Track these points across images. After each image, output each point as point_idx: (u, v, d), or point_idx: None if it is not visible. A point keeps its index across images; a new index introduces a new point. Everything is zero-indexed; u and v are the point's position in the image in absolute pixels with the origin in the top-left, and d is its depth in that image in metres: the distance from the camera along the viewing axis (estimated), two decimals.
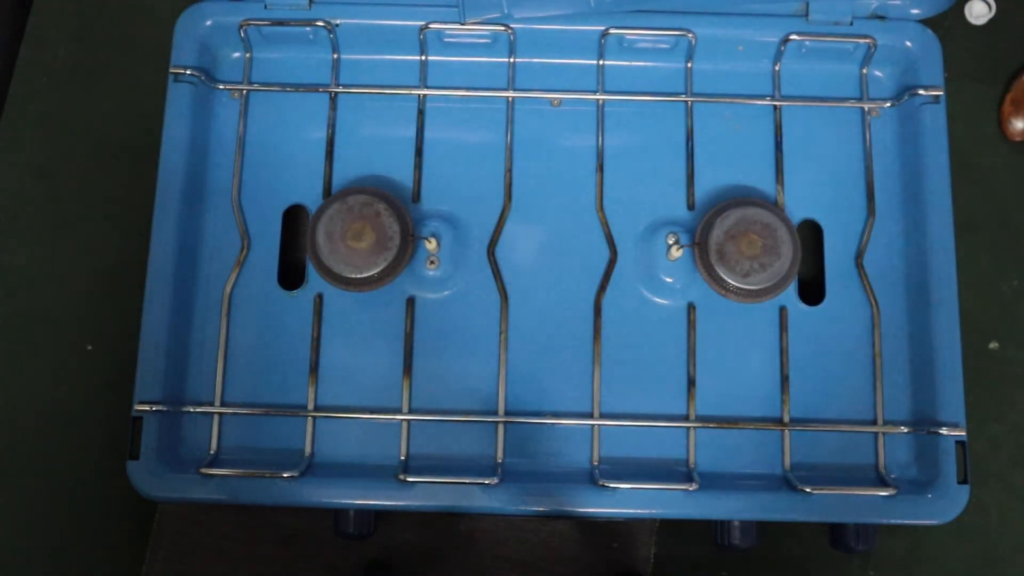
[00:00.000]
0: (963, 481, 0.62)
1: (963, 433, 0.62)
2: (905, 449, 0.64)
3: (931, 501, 0.62)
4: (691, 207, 0.67)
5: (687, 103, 0.69)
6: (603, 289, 0.66)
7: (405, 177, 0.68)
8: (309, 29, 0.68)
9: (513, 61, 0.69)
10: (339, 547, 0.66)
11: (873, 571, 0.66)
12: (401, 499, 0.61)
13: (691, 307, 0.66)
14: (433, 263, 0.65)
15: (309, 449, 0.64)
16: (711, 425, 0.64)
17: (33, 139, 0.71)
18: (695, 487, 0.61)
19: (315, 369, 0.65)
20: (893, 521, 0.62)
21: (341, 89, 0.69)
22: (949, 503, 0.62)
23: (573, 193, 0.68)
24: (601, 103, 0.69)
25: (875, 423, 0.64)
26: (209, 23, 0.68)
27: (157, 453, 0.62)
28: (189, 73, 0.66)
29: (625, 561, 0.66)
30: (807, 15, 0.68)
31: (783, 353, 0.65)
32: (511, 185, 0.67)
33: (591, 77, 0.69)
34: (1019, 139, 0.71)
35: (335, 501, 0.62)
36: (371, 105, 0.69)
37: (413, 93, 0.69)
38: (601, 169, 0.68)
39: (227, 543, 0.66)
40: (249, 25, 0.68)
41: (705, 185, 0.68)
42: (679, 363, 0.65)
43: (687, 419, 0.64)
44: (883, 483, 0.63)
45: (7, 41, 0.73)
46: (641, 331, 0.66)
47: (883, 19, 0.68)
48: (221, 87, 0.68)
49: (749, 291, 0.63)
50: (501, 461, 0.63)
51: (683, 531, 0.66)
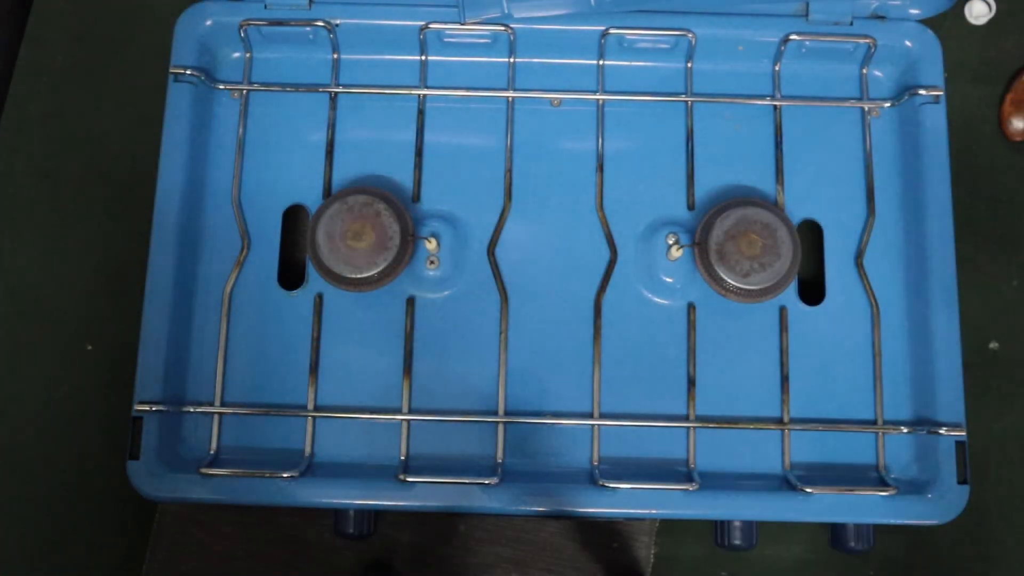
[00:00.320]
0: (963, 481, 0.62)
1: (963, 433, 0.62)
2: (905, 449, 0.64)
3: (931, 501, 0.62)
4: (691, 207, 0.67)
5: (687, 103, 0.69)
6: (603, 289, 0.66)
7: (405, 177, 0.68)
8: (309, 29, 0.68)
9: (513, 61, 0.69)
10: (339, 547, 0.66)
11: (873, 571, 0.66)
12: (401, 499, 0.61)
13: (691, 307, 0.66)
14: (433, 263, 0.65)
15: (309, 449, 0.64)
16: (711, 425, 0.64)
17: (33, 139, 0.71)
18: (695, 487, 0.61)
19: (315, 369, 0.65)
20: (893, 521, 0.62)
21: (341, 89, 0.69)
22: (949, 503, 0.62)
23: (573, 193, 0.68)
24: (601, 103, 0.69)
25: (875, 423, 0.64)
26: (209, 23, 0.68)
27: (157, 453, 0.62)
28: (189, 73, 0.66)
29: (625, 561, 0.66)
30: (807, 15, 0.68)
31: (783, 353, 0.65)
32: (511, 185, 0.67)
33: (591, 77, 0.69)
34: (1019, 139, 0.71)
35: (335, 501, 0.62)
36: (371, 105, 0.69)
37: (413, 93, 0.69)
38: (601, 169, 0.68)
39: (227, 543, 0.66)
40: (249, 25, 0.68)
41: (705, 185, 0.68)
42: (679, 363, 0.65)
43: (687, 419, 0.64)
44: (883, 483, 0.63)
45: (7, 41, 0.73)
46: (641, 331, 0.66)
47: (883, 19, 0.68)
48: (221, 87, 0.68)
49: (749, 291, 0.63)
50: (501, 461, 0.63)
51: (683, 531, 0.66)
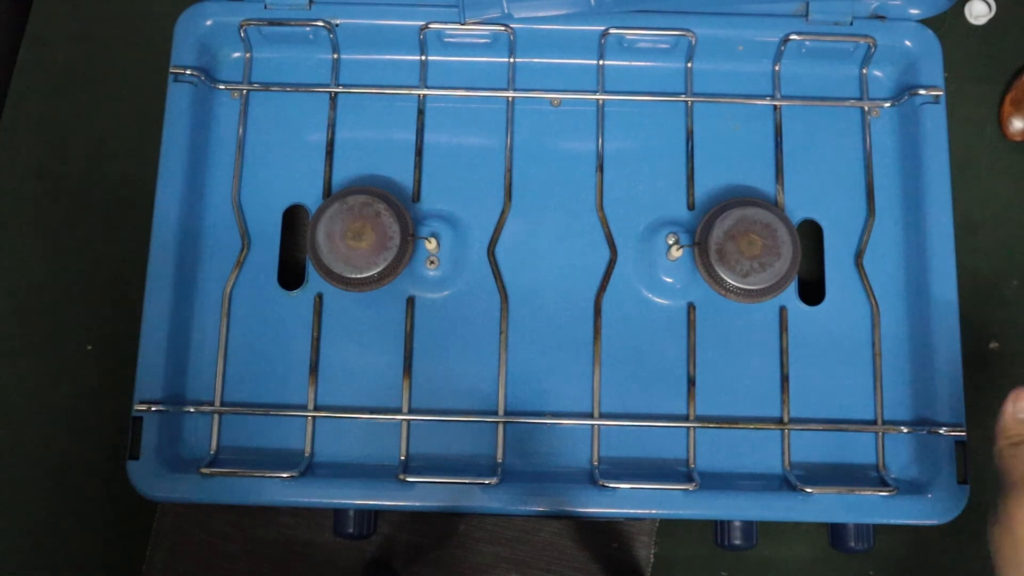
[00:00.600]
0: (963, 481, 0.62)
1: (963, 433, 0.62)
2: (905, 449, 0.64)
3: (931, 501, 0.62)
4: (691, 207, 0.67)
5: (687, 103, 0.69)
6: (603, 289, 0.66)
7: (405, 177, 0.68)
8: (309, 29, 0.68)
9: (513, 61, 0.69)
10: (339, 547, 0.66)
11: (873, 571, 0.66)
12: (401, 499, 0.61)
13: (691, 307, 0.66)
14: (433, 263, 0.65)
15: (309, 449, 0.64)
16: (711, 425, 0.64)
17: (33, 139, 0.71)
18: (695, 487, 0.61)
19: (315, 369, 0.65)
20: (893, 521, 0.62)
21: (341, 89, 0.69)
22: (949, 503, 0.62)
23: (573, 193, 0.68)
24: (601, 103, 0.69)
25: (875, 423, 0.64)
26: (209, 23, 0.68)
27: (157, 453, 0.62)
28: (189, 73, 0.66)
29: (625, 561, 0.66)
30: (807, 15, 0.68)
31: (783, 353, 0.65)
32: (511, 185, 0.67)
33: (591, 77, 0.69)
34: (1019, 139, 0.71)
35: (335, 501, 0.62)
36: (371, 105, 0.69)
37: (413, 93, 0.69)
38: (601, 169, 0.68)
39: (227, 543, 0.66)
40: (249, 25, 0.68)
41: (705, 185, 0.68)
42: (679, 363, 0.65)
43: (687, 419, 0.64)
44: (883, 483, 0.63)
45: (7, 41, 0.73)
46: (641, 331, 0.66)
47: (883, 19, 0.68)
48: (221, 87, 0.68)
49: (749, 291, 0.63)
50: (501, 461, 0.63)
51: (683, 531, 0.66)
